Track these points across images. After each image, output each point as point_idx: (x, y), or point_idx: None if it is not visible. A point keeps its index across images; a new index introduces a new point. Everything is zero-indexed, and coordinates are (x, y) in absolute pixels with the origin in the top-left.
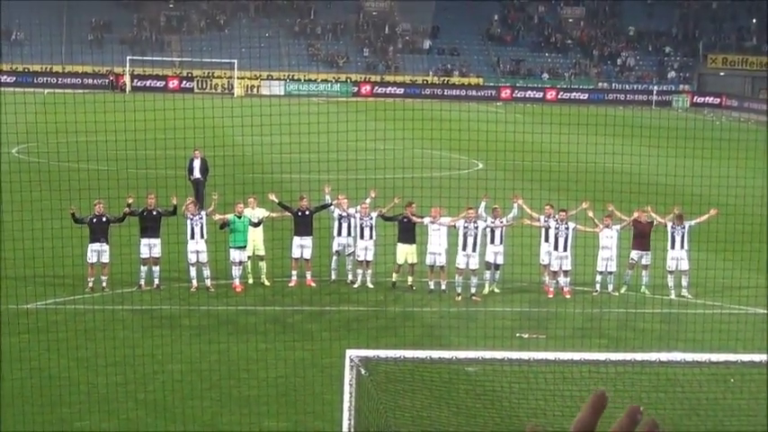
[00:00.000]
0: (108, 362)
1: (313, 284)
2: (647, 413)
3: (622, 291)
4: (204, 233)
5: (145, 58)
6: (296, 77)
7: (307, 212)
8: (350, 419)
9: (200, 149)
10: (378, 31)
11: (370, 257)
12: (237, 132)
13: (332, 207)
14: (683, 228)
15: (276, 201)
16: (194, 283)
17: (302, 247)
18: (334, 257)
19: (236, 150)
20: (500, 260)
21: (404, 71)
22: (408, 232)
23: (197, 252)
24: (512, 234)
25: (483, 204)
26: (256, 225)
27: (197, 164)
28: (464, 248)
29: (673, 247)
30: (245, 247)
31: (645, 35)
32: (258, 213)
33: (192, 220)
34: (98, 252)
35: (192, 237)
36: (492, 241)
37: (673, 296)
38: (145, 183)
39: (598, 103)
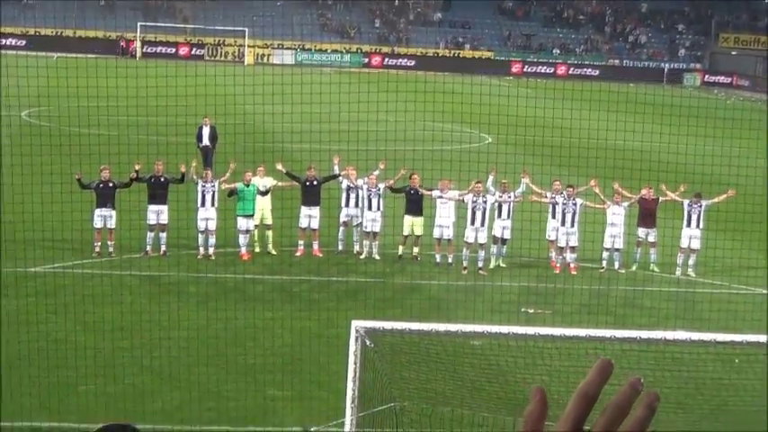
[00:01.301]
0: (114, 327)
1: (320, 254)
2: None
3: (633, 268)
4: (215, 201)
5: (156, 24)
6: (306, 47)
7: (315, 182)
8: (354, 390)
9: (209, 117)
10: (389, 2)
11: (377, 229)
12: (248, 101)
13: (340, 178)
14: (700, 206)
15: (284, 170)
16: (201, 250)
17: (310, 216)
18: (342, 228)
19: (246, 119)
20: (507, 235)
21: (415, 43)
22: (415, 204)
23: (206, 219)
24: (520, 209)
25: (490, 179)
26: (264, 194)
27: (206, 131)
28: (472, 222)
29: (689, 225)
30: (253, 215)
31: (657, 12)
32: (266, 182)
33: (203, 187)
34: (104, 217)
35: (203, 204)
36: (500, 216)
37: (679, 274)
38: (155, 149)
39: (609, 79)
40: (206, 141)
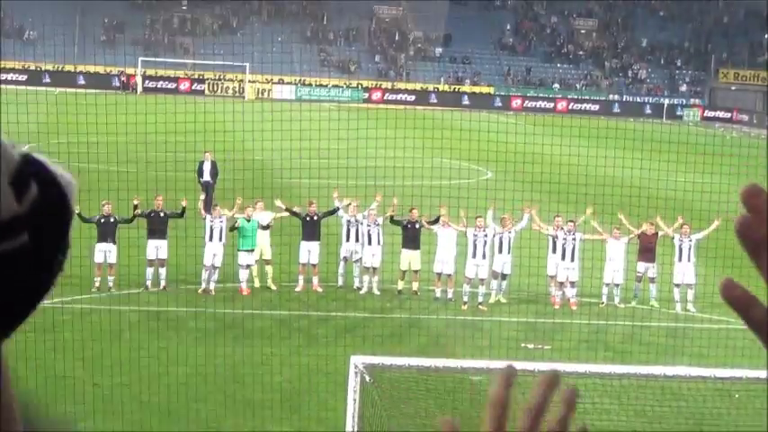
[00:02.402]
0: (113, 362)
1: (320, 290)
2: (650, 426)
3: (633, 304)
4: (222, 236)
5: (157, 59)
6: (307, 82)
7: (315, 217)
8: (354, 426)
9: (210, 152)
10: (390, 37)
11: (376, 264)
12: (248, 137)
13: (340, 212)
14: (690, 240)
15: (283, 206)
16: (203, 284)
17: (309, 251)
18: (342, 263)
19: (246, 155)
20: (507, 270)
21: (415, 78)
22: (412, 238)
23: (214, 255)
24: (519, 245)
25: (489, 214)
26: (266, 228)
27: (207, 166)
28: (473, 256)
29: (680, 259)
30: (254, 250)
31: (657, 48)
32: (265, 217)
33: (212, 221)
34: (105, 252)
35: (211, 239)
36: (500, 251)
37: (678, 310)
38: (154, 184)
39: (608, 114)
40: (207, 177)
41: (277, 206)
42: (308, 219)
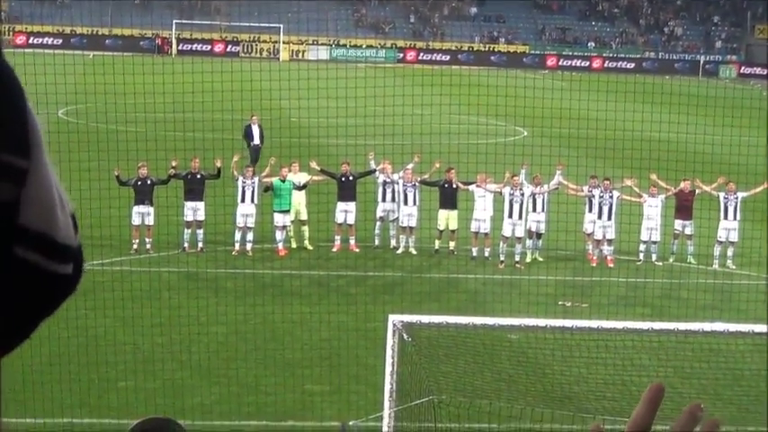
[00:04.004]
0: (152, 323)
1: (357, 249)
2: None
3: (670, 261)
4: (255, 197)
5: (192, 21)
6: (341, 43)
7: (350, 177)
8: (391, 384)
9: (257, 115)
10: None
11: (413, 223)
12: (283, 96)
13: (376, 173)
14: (737, 198)
15: (318, 167)
16: (237, 246)
17: (346, 212)
18: (378, 223)
19: (282, 114)
20: (542, 228)
21: (449, 38)
22: (449, 197)
23: (246, 216)
24: (556, 201)
25: (523, 172)
26: (300, 189)
27: (256, 130)
28: (510, 216)
29: (726, 217)
30: (289, 210)
31: (692, 4)
32: (301, 178)
33: (244, 183)
34: (143, 214)
35: (243, 200)
36: (534, 209)
37: (717, 266)
38: (191, 145)
39: (644, 72)
40: (257, 140)
41: (312, 167)
42: (343, 179)
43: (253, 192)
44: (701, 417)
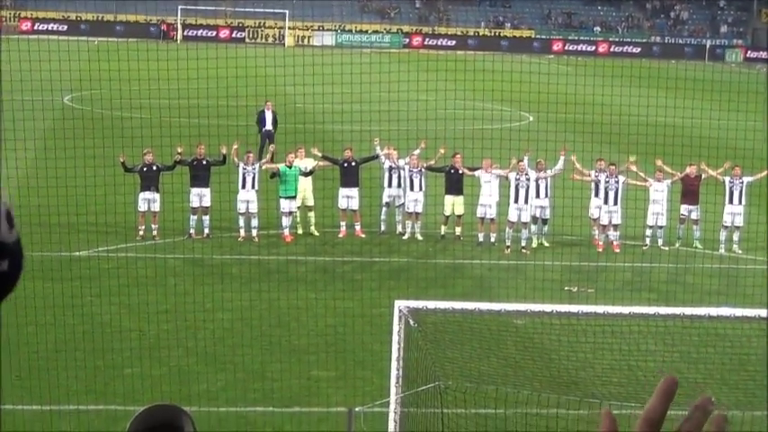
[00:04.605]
0: (158, 309)
1: (362, 235)
2: (695, 367)
3: (676, 246)
4: (256, 183)
5: (197, 7)
6: (347, 28)
7: (353, 163)
8: (398, 369)
9: (270, 101)
10: None
11: (419, 209)
12: (289, 83)
13: (382, 158)
14: (742, 182)
15: (320, 154)
16: (242, 232)
17: (348, 197)
18: (384, 209)
19: (287, 100)
20: (546, 214)
21: (455, 23)
22: (455, 183)
23: (247, 202)
24: (561, 186)
25: (526, 158)
26: (307, 175)
27: (269, 116)
28: (516, 201)
29: (731, 201)
30: (296, 196)
31: None
32: (307, 163)
33: (245, 169)
34: (149, 200)
35: (244, 186)
36: (537, 195)
37: (723, 251)
38: (196, 132)
39: (650, 56)
40: (269, 126)
41: (314, 153)
42: (345, 165)
43: (254, 178)
44: (712, 410)
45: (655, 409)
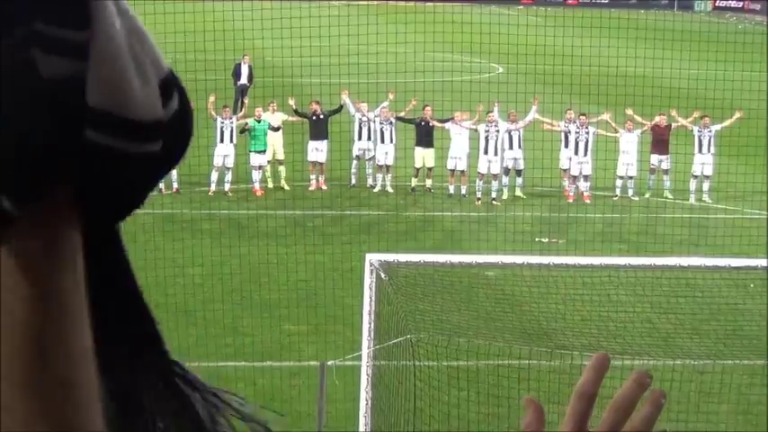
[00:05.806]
0: None
1: (325, 187)
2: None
3: (646, 195)
4: (233, 137)
5: None
6: None
7: (321, 116)
8: (370, 323)
9: (248, 55)
10: None
11: (390, 162)
12: (257, 36)
13: (351, 109)
14: (710, 131)
15: (294, 107)
16: (212, 187)
17: (317, 150)
18: (355, 162)
19: (256, 54)
20: (520, 165)
21: None
22: (426, 135)
23: (224, 156)
24: (531, 138)
25: (496, 110)
26: (276, 129)
27: (244, 70)
28: (486, 152)
29: (700, 151)
30: (265, 151)
31: None
32: (277, 118)
33: (222, 123)
34: None
35: (222, 140)
36: (510, 146)
37: (693, 200)
38: None
39: (619, 6)
40: (244, 80)
41: (289, 104)
42: (314, 118)
43: (231, 132)
44: (649, 384)
45: (588, 381)
